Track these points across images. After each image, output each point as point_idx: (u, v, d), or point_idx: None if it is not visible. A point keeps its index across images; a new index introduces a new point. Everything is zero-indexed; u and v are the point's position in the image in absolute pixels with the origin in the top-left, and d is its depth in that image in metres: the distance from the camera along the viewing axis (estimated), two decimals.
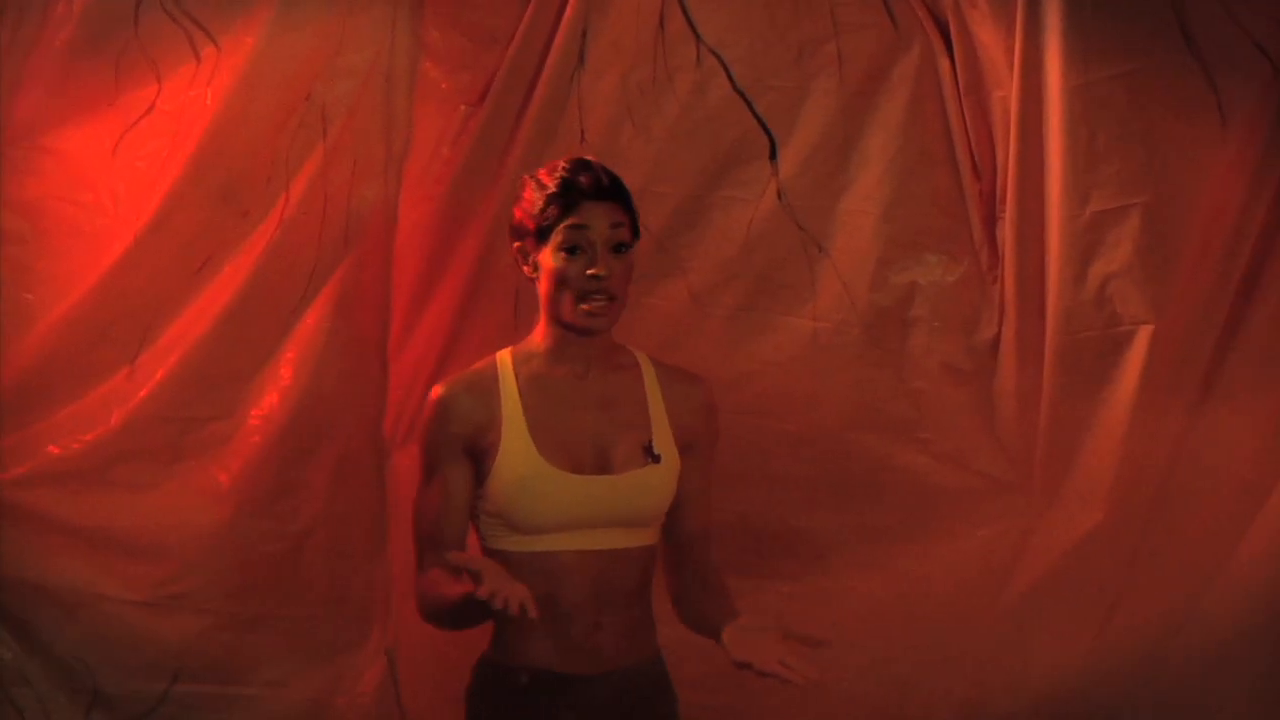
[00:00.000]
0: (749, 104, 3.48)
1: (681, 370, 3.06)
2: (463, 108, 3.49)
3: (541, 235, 2.88)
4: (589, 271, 2.84)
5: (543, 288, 2.91)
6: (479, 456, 2.90)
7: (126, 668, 3.28)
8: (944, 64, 3.44)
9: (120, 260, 3.28)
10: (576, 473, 2.88)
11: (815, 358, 3.48)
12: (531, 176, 2.95)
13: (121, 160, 3.30)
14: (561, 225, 2.86)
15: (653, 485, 2.92)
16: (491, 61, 3.47)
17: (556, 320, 2.92)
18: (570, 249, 2.86)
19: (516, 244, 2.96)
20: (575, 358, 2.94)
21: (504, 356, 2.98)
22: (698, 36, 3.48)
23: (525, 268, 2.94)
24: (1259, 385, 3.23)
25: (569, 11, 3.45)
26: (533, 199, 2.91)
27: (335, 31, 3.31)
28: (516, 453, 2.88)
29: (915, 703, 3.41)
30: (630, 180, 3.43)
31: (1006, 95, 3.34)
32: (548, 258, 2.88)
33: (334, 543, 3.37)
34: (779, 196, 3.48)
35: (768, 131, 3.48)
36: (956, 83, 3.44)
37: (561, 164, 2.93)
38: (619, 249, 2.88)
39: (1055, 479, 3.36)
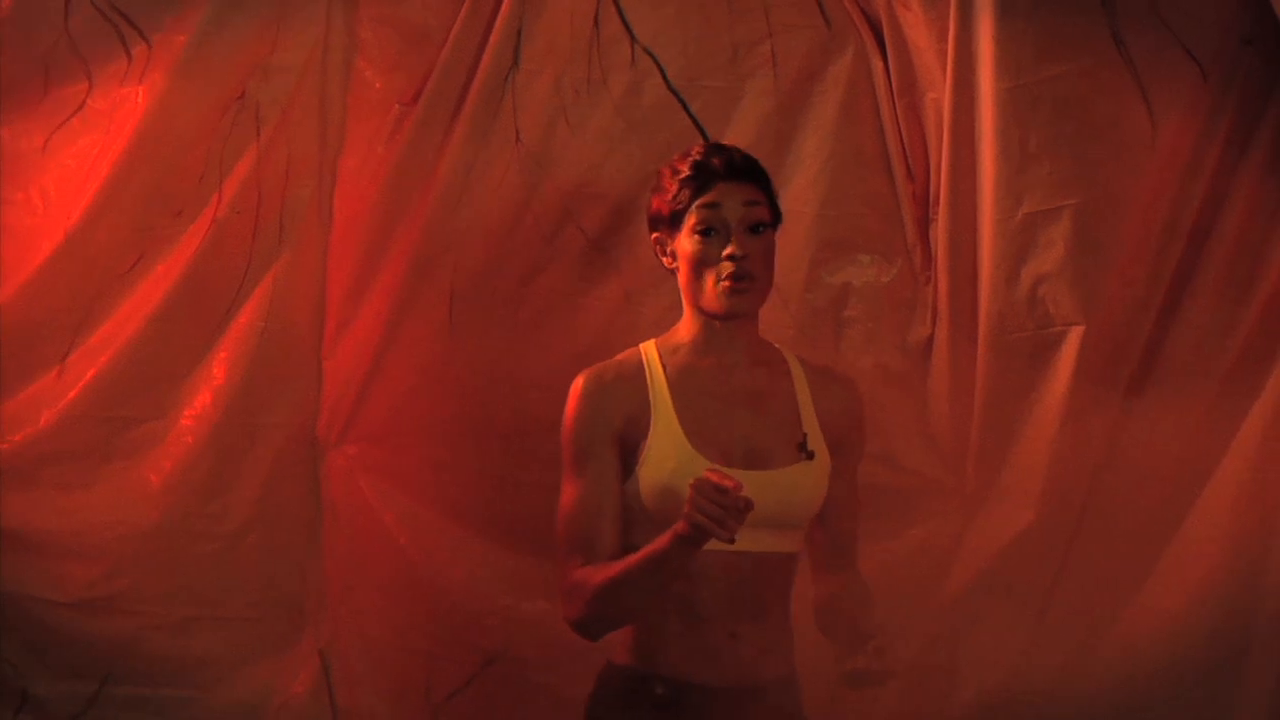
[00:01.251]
0: (684, 104, 3.49)
1: (830, 370, 2.97)
2: (397, 107, 3.48)
3: (675, 221, 2.79)
4: (725, 252, 2.74)
5: (682, 276, 2.81)
6: (628, 448, 2.77)
7: (56, 669, 3.27)
8: (877, 66, 3.45)
9: (50, 259, 3.27)
10: (728, 466, 2.71)
11: None
12: (668, 164, 2.86)
13: (51, 158, 3.29)
14: (694, 206, 2.77)
15: (806, 483, 2.78)
16: (426, 61, 3.47)
17: (699, 308, 2.81)
18: (705, 230, 2.76)
19: (654, 235, 2.86)
20: (722, 350, 2.82)
21: (648, 348, 2.87)
22: (632, 37, 3.48)
23: (665, 259, 2.86)
24: (1188, 386, 3.25)
25: (503, 11, 3.45)
26: (667, 185, 2.82)
27: (269, 30, 3.30)
28: (668, 443, 2.75)
29: (846, 704, 3.42)
30: (564, 181, 3.47)
31: (939, 97, 3.36)
32: (684, 243, 2.78)
33: (267, 543, 3.37)
34: None
35: (703, 132, 3.48)
36: (890, 84, 3.45)
37: (696, 149, 2.84)
38: (756, 229, 2.77)
39: (988, 479, 3.37)
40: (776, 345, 2.92)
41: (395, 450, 3.54)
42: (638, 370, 2.83)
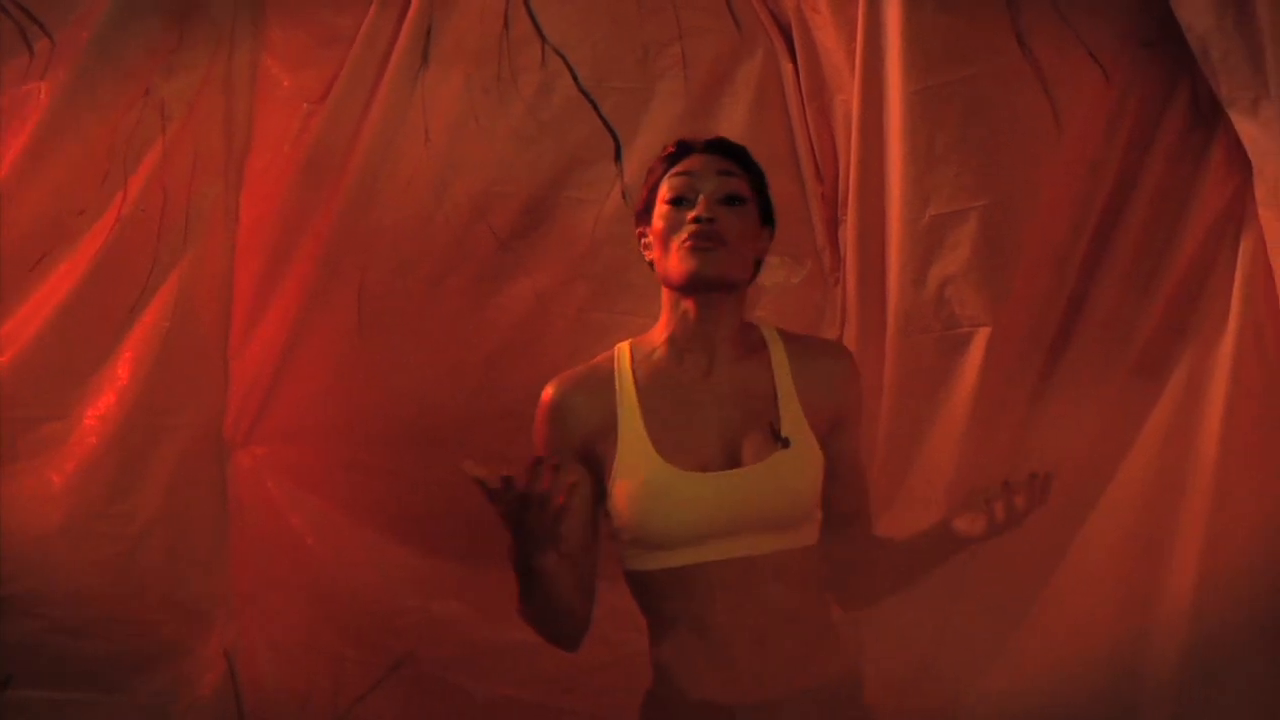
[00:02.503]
0: (594, 105, 3.49)
1: (814, 341, 2.89)
2: (305, 105, 3.46)
3: (651, 200, 2.72)
4: (690, 214, 2.64)
5: (655, 259, 2.71)
6: (596, 464, 2.67)
7: None
8: (787, 68, 3.47)
9: None
10: (706, 471, 2.61)
11: None
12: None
13: None
14: (666, 176, 2.70)
15: (786, 473, 2.63)
16: (334, 59, 3.46)
17: (668, 288, 2.70)
18: (675, 200, 2.67)
19: (638, 231, 2.78)
20: (698, 347, 2.71)
21: (622, 350, 2.78)
22: (543, 37, 3.48)
23: (647, 255, 2.76)
24: (1092, 387, 3.27)
25: (412, 10, 3.44)
26: (651, 169, 2.78)
27: (173, 26, 3.27)
28: (634, 456, 2.63)
29: None
30: (475, 181, 3.47)
31: (848, 99, 3.37)
32: (655, 221, 2.69)
33: (172, 544, 3.32)
34: (624, 198, 3.48)
35: (613, 133, 3.49)
36: (799, 87, 3.47)
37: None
38: (730, 201, 2.67)
39: (895, 479, 3.37)
40: (760, 325, 2.82)
41: (303, 451, 3.52)
42: (606, 379, 2.74)
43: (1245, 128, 3.02)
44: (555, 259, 3.50)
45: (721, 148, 2.75)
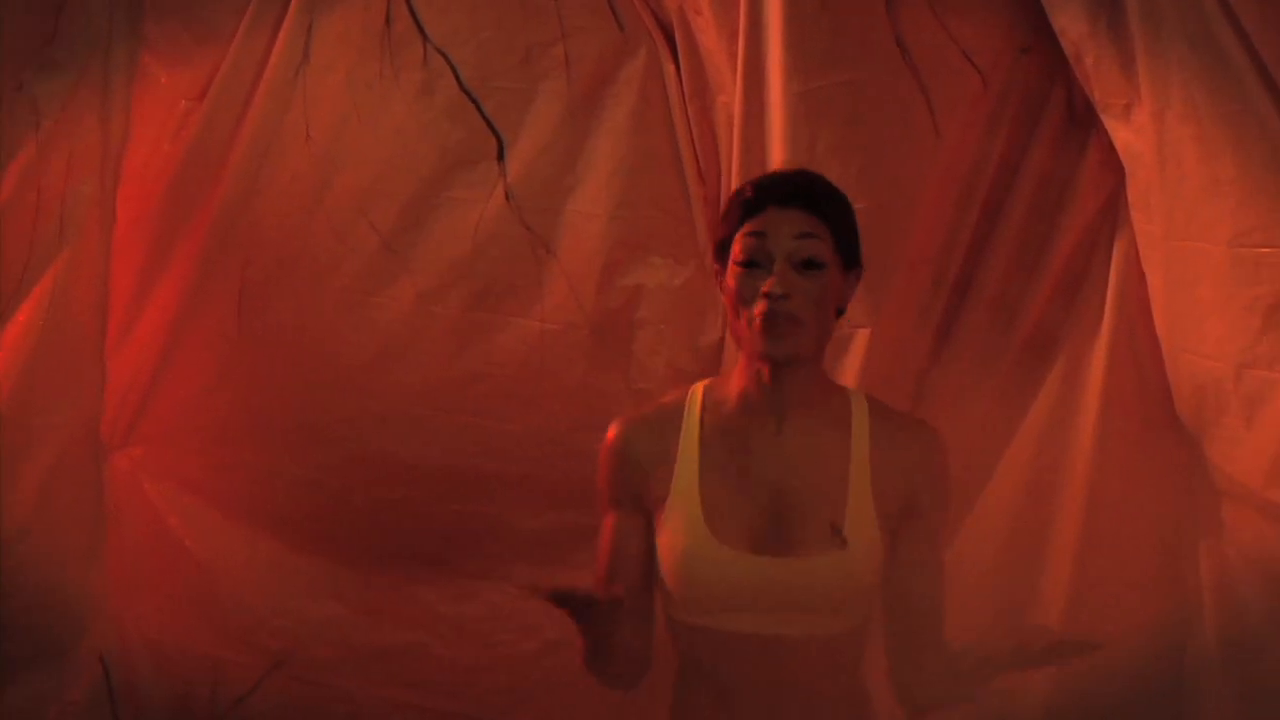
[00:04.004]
0: (477, 104, 3.47)
1: (904, 418, 2.67)
2: (183, 103, 3.43)
3: (724, 249, 2.51)
4: (763, 288, 2.43)
5: (728, 314, 2.53)
6: (653, 501, 2.53)
7: None
8: (669, 69, 3.46)
9: None
10: (750, 551, 2.45)
11: (542, 359, 3.46)
12: (737, 188, 2.61)
13: None
14: (740, 233, 2.48)
15: (836, 574, 2.46)
16: (213, 56, 3.42)
17: (743, 351, 2.53)
18: (748, 262, 2.46)
19: (715, 268, 2.57)
20: (769, 404, 2.52)
21: (695, 393, 2.59)
22: (424, 36, 3.45)
23: (724, 296, 2.55)
24: (969, 389, 3.30)
25: (293, 8, 3.41)
26: (728, 209, 2.55)
27: (48, 20, 3.22)
28: (681, 519, 2.48)
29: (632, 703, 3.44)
30: (356, 180, 3.44)
31: (730, 101, 3.38)
32: (729, 276, 2.49)
33: (47, 546, 3.28)
34: (507, 198, 3.46)
35: (495, 132, 3.47)
36: (682, 88, 3.46)
37: (772, 171, 2.60)
38: (808, 265, 2.46)
39: None
40: (849, 391, 2.66)
41: (182, 452, 3.49)
42: (673, 422, 2.57)
43: (1118, 133, 3.06)
44: (437, 259, 3.48)
45: (803, 197, 2.50)
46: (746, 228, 2.48)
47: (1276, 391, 2.78)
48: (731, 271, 2.49)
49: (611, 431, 2.62)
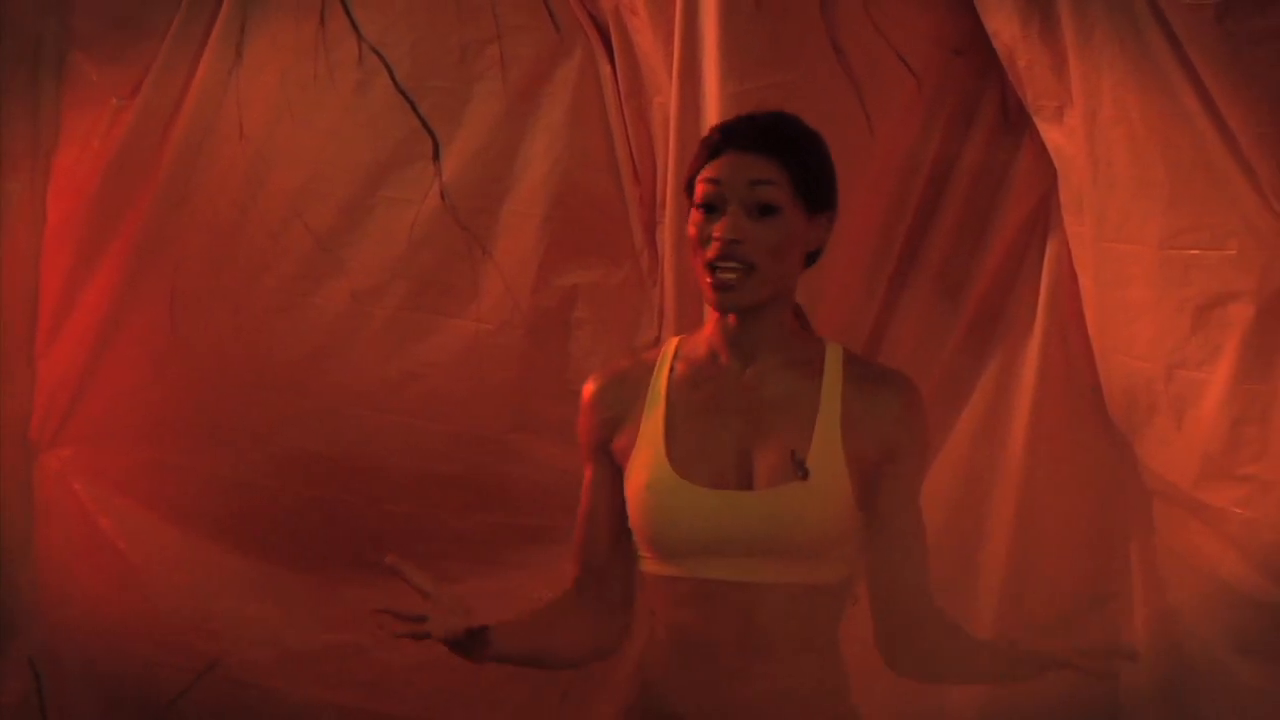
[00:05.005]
0: (412, 104, 3.45)
1: (878, 368, 2.64)
2: (114, 100, 3.40)
3: (689, 193, 2.48)
4: (716, 230, 2.40)
5: (690, 256, 2.49)
6: (622, 454, 2.51)
7: None
8: (605, 69, 3.46)
9: None
10: (712, 487, 2.42)
11: (478, 360, 3.45)
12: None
13: None
14: (700, 178, 2.45)
15: (795, 508, 2.41)
16: (145, 54, 3.40)
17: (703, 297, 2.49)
18: (705, 206, 2.43)
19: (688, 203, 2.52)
20: (739, 347, 2.49)
21: (672, 343, 2.59)
22: (359, 35, 3.44)
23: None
24: None
25: (225, 6, 3.40)
26: (697, 152, 2.50)
27: None
28: (646, 457, 2.46)
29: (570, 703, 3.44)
30: (290, 179, 3.42)
31: (666, 101, 3.37)
32: (690, 221, 2.46)
33: None
34: (442, 198, 3.45)
35: (431, 132, 3.45)
36: (617, 88, 3.46)
37: (743, 114, 2.53)
38: (762, 211, 2.41)
39: None
40: (825, 340, 2.61)
41: (113, 452, 3.47)
42: (644, 373, 2.56)
43: (1050, 135, 3.08)
44: (372, 259, 3.47)
45: (761, 142, 2.45)
46: (705, 172, 2.45)
47: (1206, 392, 2.80)
48: (691, 216, 2.46)
49: (586, 387, 2.61)
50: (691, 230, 2.46)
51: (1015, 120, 3.23)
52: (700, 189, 2.44)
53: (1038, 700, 2.93)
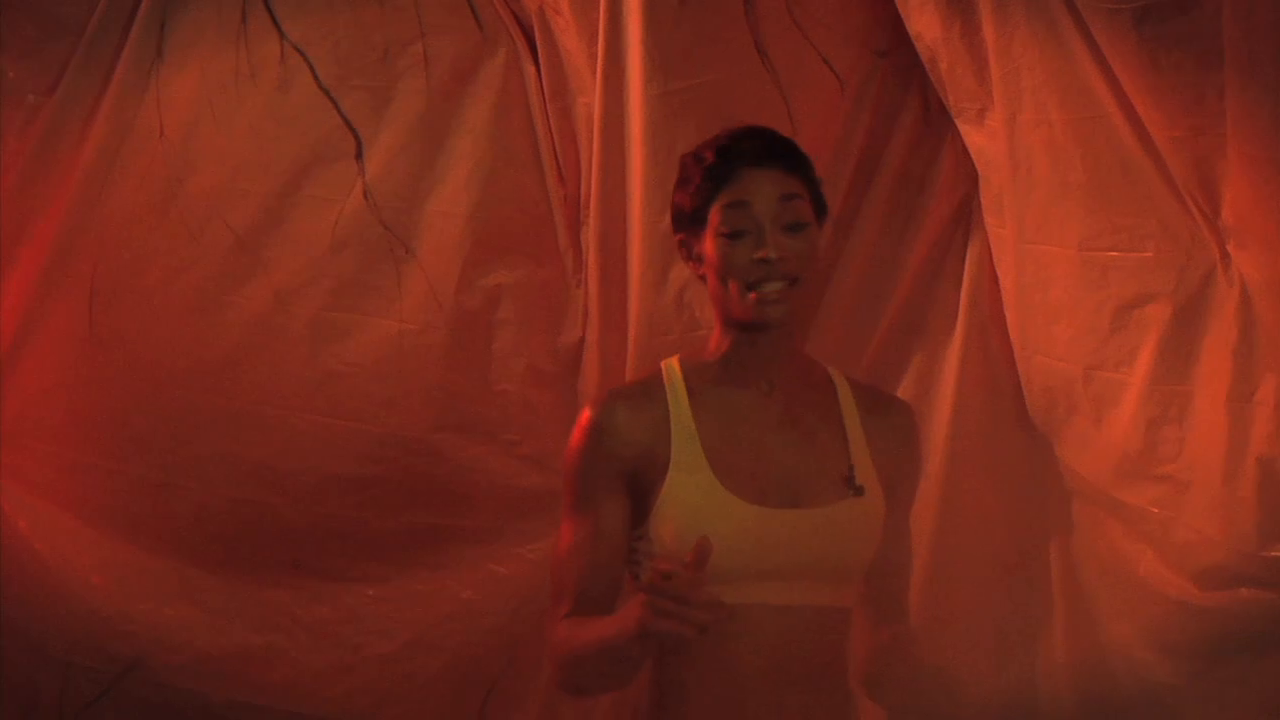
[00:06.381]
0: (334, 103, 3.43)
1: (882, 392, 2.71)
2: (31, 97, 3.35)
3: (699, 219, 2.45)
4: (755, 255, 2.39)
5: (709, 284, 2.46)
6: (642, 487, 2.43)
7: None
8: (529, 69, 3.46)
9: None
10: (762, 505, 2.39)
11: (401, 359, 3.43)
12: (691, 152, 2.53)
13: None
14: (719, 203, 2.44)
15: (856, 523, 2.44)
16: (63, 51, 3.35)
17: (729, 321, 2.47)
18: (733, 233, 2.42)
19: (679, 236, 2.51)
20: (756, 370, 2.49)
21: (671, 365, 2.54)
22: (281, 33, 3.41)
23: (690, 263, 2.51)
24: None
25: (145, 3, 3.35)
26: (690, 175, 2.48)
27: None
28: (689, 478, 2.40)
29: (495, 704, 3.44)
30: (211, 178, 3.39)
31: (590, 102, 3.38)
32: (709, 246, 2.43)
33: None
34: (365, 197, 3.43)
35: (354, 131, 3.43)
36: (542, 88, 3.46)
37: (724, 132, 2.49)
38: (794, 228, 2.43)
39: None
40: (823, 364, 2.64)
41: (30, 453, 3.41)
42: (658, 393, 2.51)
43: (972, 137, 3.10)
44: (295, 258, 3.44)
45: (779, 158, 2.48)
46: (725, 198, 2.44)
47: (1124, 393, 2.83)
48: (715, 245, 2.43)
49: (589, 413, 2.51)
50: (715, 255, 2.43)
51: (937, 122, 3.26)
52: (726, 214, 2.43)
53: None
